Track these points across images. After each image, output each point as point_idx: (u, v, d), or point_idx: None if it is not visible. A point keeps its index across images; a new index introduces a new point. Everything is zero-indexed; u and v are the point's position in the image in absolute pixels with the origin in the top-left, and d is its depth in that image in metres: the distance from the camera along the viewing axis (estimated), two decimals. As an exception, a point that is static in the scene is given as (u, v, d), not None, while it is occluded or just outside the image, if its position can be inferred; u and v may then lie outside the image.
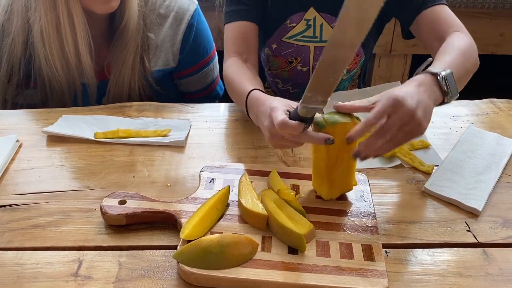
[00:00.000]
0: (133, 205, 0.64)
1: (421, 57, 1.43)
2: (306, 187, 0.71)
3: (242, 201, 0.64)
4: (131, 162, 0.78)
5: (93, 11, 0.89)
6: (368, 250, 0.60)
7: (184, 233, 0.59)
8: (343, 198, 0.69)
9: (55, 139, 0.83)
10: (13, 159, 0.78)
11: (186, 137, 0.84)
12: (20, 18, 0.91)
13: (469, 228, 0.66)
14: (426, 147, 0.83)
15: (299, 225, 0.61)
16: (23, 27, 0.92)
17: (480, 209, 0.68)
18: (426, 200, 0.71)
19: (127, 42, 0.95)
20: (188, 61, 1.04)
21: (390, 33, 1.58)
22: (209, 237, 0.59)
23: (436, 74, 0.66)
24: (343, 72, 0.67)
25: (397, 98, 0.59)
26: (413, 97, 0.60)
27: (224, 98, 1.12)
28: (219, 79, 1.13)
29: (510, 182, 0.75)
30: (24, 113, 0.93)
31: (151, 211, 0.64)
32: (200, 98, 1.11)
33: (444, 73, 0.67)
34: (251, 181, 0.70)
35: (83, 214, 0.67)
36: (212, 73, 1.10)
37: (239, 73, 0.87)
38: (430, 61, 0.72)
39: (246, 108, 0.79)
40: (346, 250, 0.60)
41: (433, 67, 0.70)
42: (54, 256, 0.60)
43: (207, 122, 0.90)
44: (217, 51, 1.41)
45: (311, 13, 0.99)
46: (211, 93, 1.12)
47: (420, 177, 0.76)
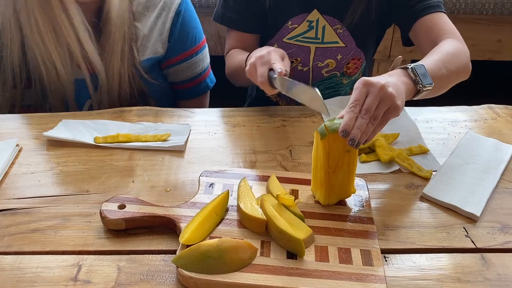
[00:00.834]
0: (133, 210, 0.65)
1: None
2: (305, 192, 0.71)
3: (241, 205, 0.64)
4: (130, 166, 0.78)
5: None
6: (366, 255, 0.60)
7: (183, 237, 0.59)
8: (342, 203, 0.69)
9: (55, 144, 0.83)
10: (13, 163, 0.78)
11: (186, 142, 0.85)
12: (13, 25, 0.91)
13: (467, 233, 0.66)
14: (424, 152, 0.83)
15: (298, 230, 0.61)
16: (17, 33, 0.92)
17: (478, 215, 0.68)
18: (425, 205, 0.71)
19: (113, 32, 0.95)
20: (176, 49, 1.04)
21: (389, 39, 1.59)
22: (208, 241, 0.59)
23: (405, 68, 0.74)
24: None
25: (364, 79, 0.66)
26: (380, 78, 0.67)
27: (230, 100, 1.13)
28: (210, 72, 1.13)
29: (508, 188, 0.75)
30: (24, 117, 0.93)
31: (150, 215, 0.64)
32: (189, 89, 1.11)
33: (412, 65, 0.74)
34: (250, 186, 0.70)
35: (82, 218, 0.67)
36: (201, 63, 1.09)
37: (239, 51, 1.01)
38: (400, 59, 0.77)
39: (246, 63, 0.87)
40: (345, 255, 0.60)
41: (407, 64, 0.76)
42: (54, 260, 0.60)
43: (206, 127, 0.90)
44: (215, 56, 1.42)
45: (315, 15, 1.00)
46: (200, 84, 1.11)
47: (419, 182, 0.76)
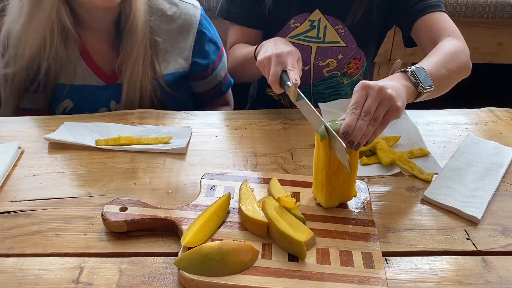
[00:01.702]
0: (134, 212, 0.65)
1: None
2: (306, 194, 0.71)
3: (243, 208, 0.65)
4: (132, 169, 0.78)
5: (96, 6, 0.89)
6: (368, 257, 0.60)
7: (185, 240, 0.60)
8: (343, 206, 0.69)
9: (56, 146, 0.83)
10: (15, 165, 0.79)
11: (187, 144, 0.85)
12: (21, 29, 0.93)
13: (469, 236, 0.66)
14: (425, 155, 0.83)
15: (300, 233, 0.61)
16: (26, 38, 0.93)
17: (479, 217, 0.68)
18: (426, 208, 0.71)
19: (136, 42, 0.95)
20: (201, 65, 1.06)
21: (389, 42, 1.59)
22: (209, 244, 0.59)
23: (404, 71, 0.74)
24: None
25: (363, 82, 0.66)
26: (379, 81, 0.67)
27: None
28: (228, 77, 1.14)
29: (509, 190, 0.75)
30: (26, 120, 0.93)
31: (152, 218, 0.64)
32: (213, 94, 1.14)
33: (412, 67, 0.74)
34: (251, 189, 0.70)
35: (84, 220, 0.67)
36: (223, 70, 1.11)
37: (244, 45, 1.01)
38: (400, 62, 0.77)
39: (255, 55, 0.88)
40: (346, 258, 0.60)
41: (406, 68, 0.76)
42: (55, 262, 0.60)
43: (208, 130, 0.91)
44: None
45: (316, 14, 1.01)
46: (222, 87, 1.14)
47: (420, 185, 0.76)
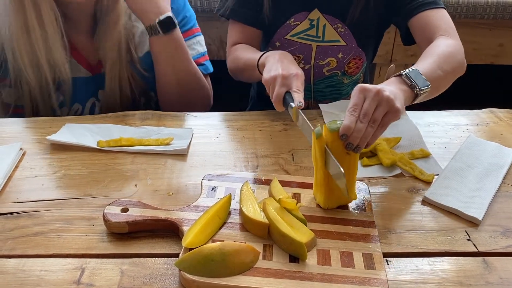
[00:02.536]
0: (136, 213, 0.65)
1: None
2: (307, 195, 0.71)
3: (244, 209, 0.65)
4: (133, 170, 0.79)
5: (75, 1, 0.90)
6: (369, 258, 0.60)
7: (186, 241, 0.60)
8: (344, 207, 0.69)
9: (58, 147, 0.84)
10: (16, 167, 0.79)
11: (188, 146, 0.85)
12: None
13: (469, 237, 0.66)
14: (426, 156, 0.83)
15: (300, 234, 0.61)
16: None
17: (480, 218, 0.68)
18: (427, 209, 0.71)
19: (112, 34, 0.96)
20: None
21: (390, 43, 1.59)
22: (210, 245, 0.59)
23: (399, 75, 0.75)
24: None
25: (360, 85, 0.67)
26: (377, 85, 0.68)
27: (232, 104, 1.13)
28: (206, 60, 1.10)
29: (510, 192, 0.75)
30: (28, 121, 0.94)
31: (153, 219, 0.65)
32: None
33: (406, 71, 0.75)
34: (252, 190, 0.70)
35: (85, 222, 0.67)
36: (197, 47, 1.08)
37: (247, 48, 1.01)
38: (394, 68, 0.78)
39: (258, 64, 0.91)
40: (347, 259, 0.60)
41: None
42: (57, 263, 0.60)
43: (209, 131, 0.91)
44: (218, 61, 1.43)
45: (315, 14, 1.01)
46: (198, 66, 1.08)
47: (421, 186, 0.76)
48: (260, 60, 0.90)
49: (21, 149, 0.83)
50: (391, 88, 0.70)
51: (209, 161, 0.82)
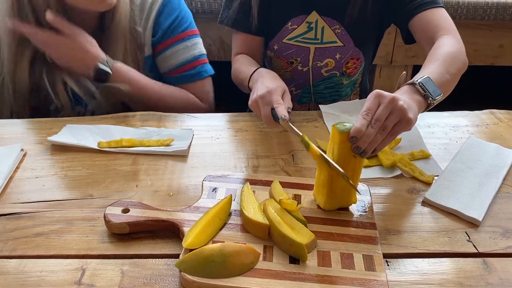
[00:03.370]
0: (136, 214, 0.65)
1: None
2: (307, 197, 0.71)
3: (244, 210, 0.65)
4: (134, 171, 0.79)
5: (90, 9, 0.90)
6: (369, 260, 0.60)
7: (187, 242, 0.60)
8: (344, 208, 0.69)
9: (59, 148, 0.84)
10: (17, 167, 0.79)
11: (189, 147, 0.85)
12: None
13: (469, 238, 0.66)
14: (426, 157, 0.83)
15: (301, 235, 0.62)
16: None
17: (480, 219, 0.68)
18: (427, 210, 0.71)
19: (116, 38, 0.96)
20: (163, 35, 1.03)
21: (391, 44, 1.59)
22: (211, 246, 0.59)
23: (413, 83, 0.74)
24: None
25: (377, 91, 0.66)
26: (392, 93, 0.67)
27: (232, 105, 1.13)
28: (206, 62, 1.09)
29: (510, 192, 0.75)
30: (29, 122, 0.94)
31: (154, 219, 0.65)
32: (182, 75, 1.06)
33: (420, 79, 0.74)
34: (253, 191, 0.70)
35: (86, 222, 0.67)
36: (192, 50, 1.06)
37: (245, 61, 1.03)
38: (405, 75, 0.77)
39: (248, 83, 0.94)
40: (347, 260, 0.60)
41: (412, 79, 0.76)
42: (58, 264, 0.60)
43: (209, 132, 0.91)
44: (219, 62, 1.43)
45: (313, 16, 1.01)
46: (193, 69, 1.07)
47: (421, 187, 0.76)
48: (249, 83, 0.94)
49: (22, 150, 0.83)
50: (406, 98, 0.69)
51: (209, 162, 0.82)
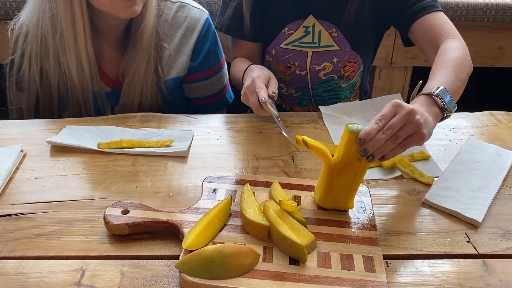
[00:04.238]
0: (136, 215, 0.65)
1: (421, 69, 1.45)
2: (307, 198, 0.71)
3: (244, 211, 0.65)
4: (134, 172, 0.79)
5: (115, 16, 0.89)
6: (369, 261, 0.60)
7: (186, 243, 0.60)
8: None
9: (59, 149, 0.84)
10: (17, 168, 0.79)
11: (189, 148, 0.85)
12: (37, 32, 0.93)
13: (469, 239, 0.66)
14: (426, 158, 0.83)
15: (301, 236, 0.61)
16: (37, 42, 0.94)
17: (480, 220, 0.68)
18: (427, 211, 0.71)
19: (141, 50, 0.96)
20: (199, 67, 1.04)
21: (390, 45, 1.59)
22: (211, 247, 0.59)
23: (430, 94, 0.72)
24: None
25: (397, 101, 0.65)
26: (411, 105, 0.66)
27: (233, 106, 1.14)
28: (229, 88, 1.13)
29: (510, 194, 0.75)
30: (29, 123, 0.94)
31: (153, 220, 0.65)
32: (209, 104, 1.11)
33: (437, 91, 0.73)
34: (253, 192, 0.70)
35: (86, 223, 0.67)
36: (222, 81, 1.10)
37: (240, 62, 1.05)
38: (420, 84, 0.77)
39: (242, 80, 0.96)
40: (347, 261, 0.60)
41: (427, 87, 0.75)
42: (57, 265, 0.60)
43: (209, 133, 0.91)
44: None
45: (310, 20, 1.02)
46: (219, 100, 1.12)
47: (421, 188, 0.76)
48: (243, 79, 0.96)
49: (21, 151, 0.83)
50: (423, 111, 0.68)
51: (209, 163, 0.82)
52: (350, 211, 0.69)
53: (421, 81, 0.78)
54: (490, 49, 1.63)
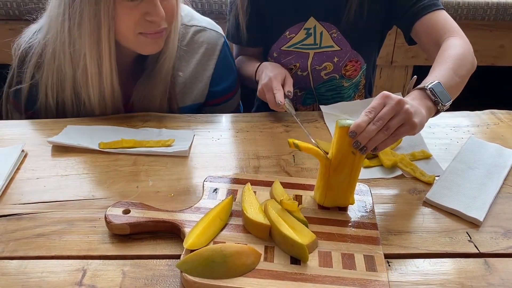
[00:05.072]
0: (137, 215, 0.65)
1: (421, 68, 1.44)
2: (308, 197, 0.71)
3: (245, 211, 0.65)
4: (135, 172, 0.79)
5: (139, 52, 0.89)
6: (370, 260, 0.60)
7: (188, 242, 0.60)
8: (345, 208, 0.69)
9: (60, 149, 0.84)
10: (18, 168, 0.79)
11: (190, 147, 0.85)
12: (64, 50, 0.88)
13: (471, 238, 0.66)
14: (427, 157, 0.83)
15: (302, 236, 0.61)
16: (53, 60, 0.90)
17: (481, 219, 0.68)
18: (428, 210, 0.71)
19: (160, 82, 0.93)
20: (218, 93, 1.02)
21: (391, 45, 1.59)
22: (212, 246, 0.59)
23: (423, 89, 0.73)
24: None
25: (385, 93, 0.66)
26: (400, 97, 0.67)
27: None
28: (240, 105, 1.13)
29: (511, 193, 0.75)
30: (30, 123, 0.94)
31: (155, 220, 0.65)
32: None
33: (430, 85, 0.73)
34: (254, 191, 0.70)
35: (87, 223, 0.67)
36: (237, 99, 1.09)
37: (246, 59, 1.10)
38: (415, 79, 0.77)
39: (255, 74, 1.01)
40: (348, 261, 0.60)
41: (423, 82, 0.75)
42: (59, 265, 0.60)
43: (210, 133, 0.91)
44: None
45: (311, 22, 1.02)
46: (231, 112, 1.09)
47: (422, 187, 0.76)
48: (256, 75, 1.01)
49: (23, 151, 0.83)
50: (415, 104, 0.69)
51: (210, 162, 0.82)
52: (351, 210, 0.69)
53: (415, 76, 0.79)
54: (491, 48, 1.63)
